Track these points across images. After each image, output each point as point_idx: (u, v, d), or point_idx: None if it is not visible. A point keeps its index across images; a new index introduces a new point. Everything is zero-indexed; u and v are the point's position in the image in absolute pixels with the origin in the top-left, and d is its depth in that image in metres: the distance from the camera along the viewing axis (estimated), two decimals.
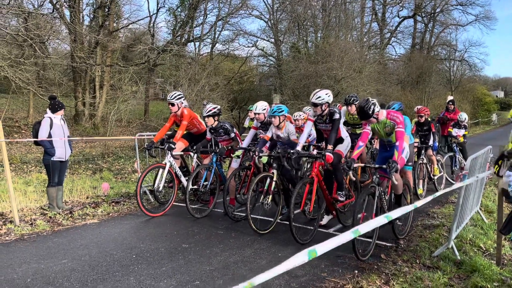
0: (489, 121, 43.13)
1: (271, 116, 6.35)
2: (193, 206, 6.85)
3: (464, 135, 10.43)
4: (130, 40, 27.56)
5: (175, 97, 7.19)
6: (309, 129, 6.07)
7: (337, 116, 5.82)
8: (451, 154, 10.28)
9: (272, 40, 32.83)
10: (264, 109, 6.72)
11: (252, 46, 31.87)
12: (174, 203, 7.29)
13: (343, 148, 6.13)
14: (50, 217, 6.81)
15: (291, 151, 5.79)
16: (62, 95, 21.13)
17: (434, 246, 5.54)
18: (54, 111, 7.03)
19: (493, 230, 6.29)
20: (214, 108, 6.93)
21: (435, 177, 8.91)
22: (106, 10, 23.47)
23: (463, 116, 10.49)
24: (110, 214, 7.13)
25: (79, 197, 8.30)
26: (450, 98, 13.15)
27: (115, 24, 24.76)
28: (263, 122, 6.83)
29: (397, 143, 5.07)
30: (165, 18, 60.30)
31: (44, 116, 7.09)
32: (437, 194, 3.86)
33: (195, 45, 27.86)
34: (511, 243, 5.69)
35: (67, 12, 21.28)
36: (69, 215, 6.93)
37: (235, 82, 29.21)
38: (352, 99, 7.68)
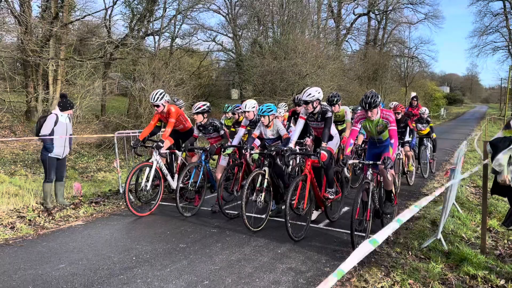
0: (438, 115, 45.34)
1: (260, 115, 6.39)
2: (180, 205, 6.77)
3: (431, 128, 11.06)
4: (83, 33, 26.53)
5: (158, 97, 7.04)
6: (301, 127, 6.15)
7: (329, 114, 5.95)
8: (422, 148, 10.78)
9: (231, 35, 32.80)
10: (254, 107, 6.74)
11: (211, 41, 31.70)
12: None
13: (333, 145, 6.29)
14: (30, 220, 6.51)
15: (284, 148, 5.86)
16: (11, 90, 20.10)
17: (420, 237, 5.82)
18: (63, 109, 7.08)
19: (470, 221, 6.71)
20: (204, 105, 6.88)
21: (408, 172, 9.33)
22: (60, 1, 22.43)
23: (422, 110, 11.09)
24: (94, 215, 6.91)
25: (53, 198, 7.96)
26: (413, 94, 13.76)
27: (69, 17, 23.74)
28: (252, 120, 6.85)
29: (391, 141, 5.28)
30: (121, 11, 58.09)
31: (51, 112, 7.09)
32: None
33: (154, 39, 27.29)
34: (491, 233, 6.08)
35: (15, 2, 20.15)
36: (50, 218, 6.66)
37: (194, 77, 28.94)
38: (336, 99, 7.86)
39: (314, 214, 6.56)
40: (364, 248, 2.45)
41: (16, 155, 15.84)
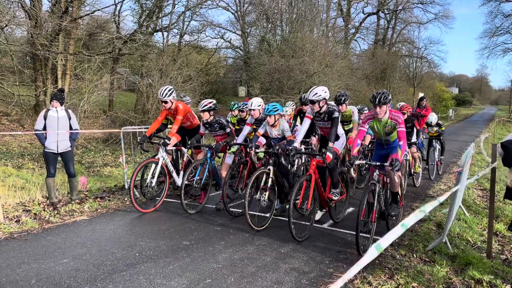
0: (447, 116, 45.05)
1: (266, 115, 6.36)
2: (184, 202, 6.78)
3: (442, 131, 10.94)
4: (92, 28, 26.63)
5: (167, 93, 7.02)
6: (307, 126, 6.11)
7: (336, 114, 5.91)
8: (431, 149, 10.69)
9: (239, 32, 32.77)
10: (259, 105, 6.71)
11: (220, 38, 31.68)
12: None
13: (339, 145, 6.25)
14: (35, 213, 6.55)
15: (289, 147, 5.82)
16: (20, 84, 20.24)
17: (426, 240, 5.77)
18: (50, 101, 7.14)
19: (476, 224, 6.64)
20: (210, 102, 6.87)
21: (415, 174, 9.26)
22: None
23: (430, 120, 10.80)
24: (99, 210, 6.93)
25: (60, 192, 8.01)
26: (421, 95, 13.64)
27: (79, 11, 23.83)
28: (257, 118, 6.82)
29: (400, 143, 5.23)
30: (130, 6, 58.09)
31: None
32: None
33: (163, 35, 27.30)
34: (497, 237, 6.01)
35: None
36: (55, 212, 6.69)
37: (202, 74, 28.96)
38: (343, 98, 7.81)
39: (318, 214, 6.52)
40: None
41: (24, 149, 15.94)
